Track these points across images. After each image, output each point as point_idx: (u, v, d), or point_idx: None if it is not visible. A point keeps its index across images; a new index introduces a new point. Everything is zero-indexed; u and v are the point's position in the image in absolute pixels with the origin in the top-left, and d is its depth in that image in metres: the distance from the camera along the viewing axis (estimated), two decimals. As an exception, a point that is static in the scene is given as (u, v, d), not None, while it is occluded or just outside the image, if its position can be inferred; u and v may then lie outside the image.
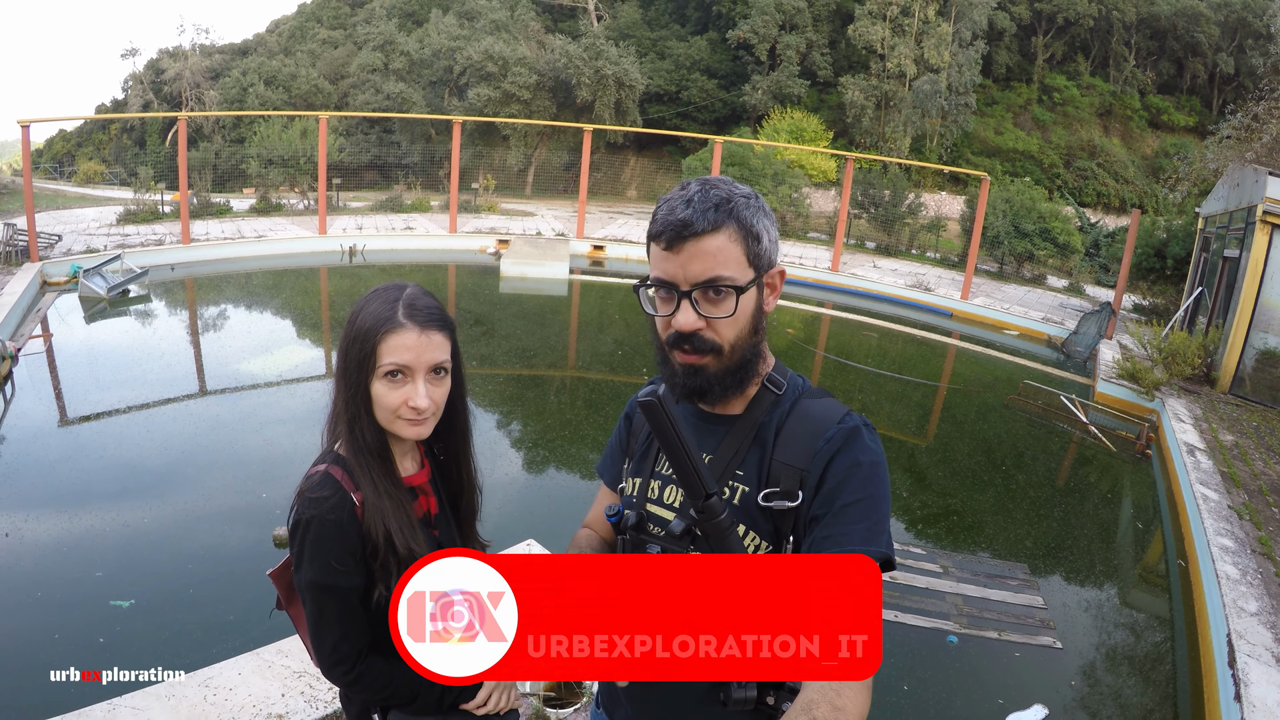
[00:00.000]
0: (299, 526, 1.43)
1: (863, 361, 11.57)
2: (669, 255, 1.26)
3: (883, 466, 1.25)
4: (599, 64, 31.04)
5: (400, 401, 1.44)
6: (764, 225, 1.29)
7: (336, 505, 1.43)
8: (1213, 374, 10.36)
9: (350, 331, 1.47)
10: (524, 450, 7.59)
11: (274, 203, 19.73)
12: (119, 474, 6.16)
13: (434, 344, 1.46)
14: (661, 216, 1.27)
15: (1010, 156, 33.09)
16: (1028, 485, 7.55)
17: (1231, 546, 5.50)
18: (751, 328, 1.30)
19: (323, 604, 1.45)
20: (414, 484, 1.59)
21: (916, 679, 4.38)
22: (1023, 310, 15.56)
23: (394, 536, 1.44)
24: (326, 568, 1.42)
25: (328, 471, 1.47)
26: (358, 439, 1.47)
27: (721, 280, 1.24)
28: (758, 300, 1.31)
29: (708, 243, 1.24)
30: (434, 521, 1.61)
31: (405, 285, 1.51)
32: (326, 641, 1.48)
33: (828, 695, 1.05)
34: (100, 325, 10.58)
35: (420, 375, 1.45)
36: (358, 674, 1.49)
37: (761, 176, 22.00)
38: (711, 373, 1.30)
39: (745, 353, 1.30)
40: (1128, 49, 35.85)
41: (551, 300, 14.64)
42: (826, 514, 1.20)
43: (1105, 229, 22.61)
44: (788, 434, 1.29)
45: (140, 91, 40.48)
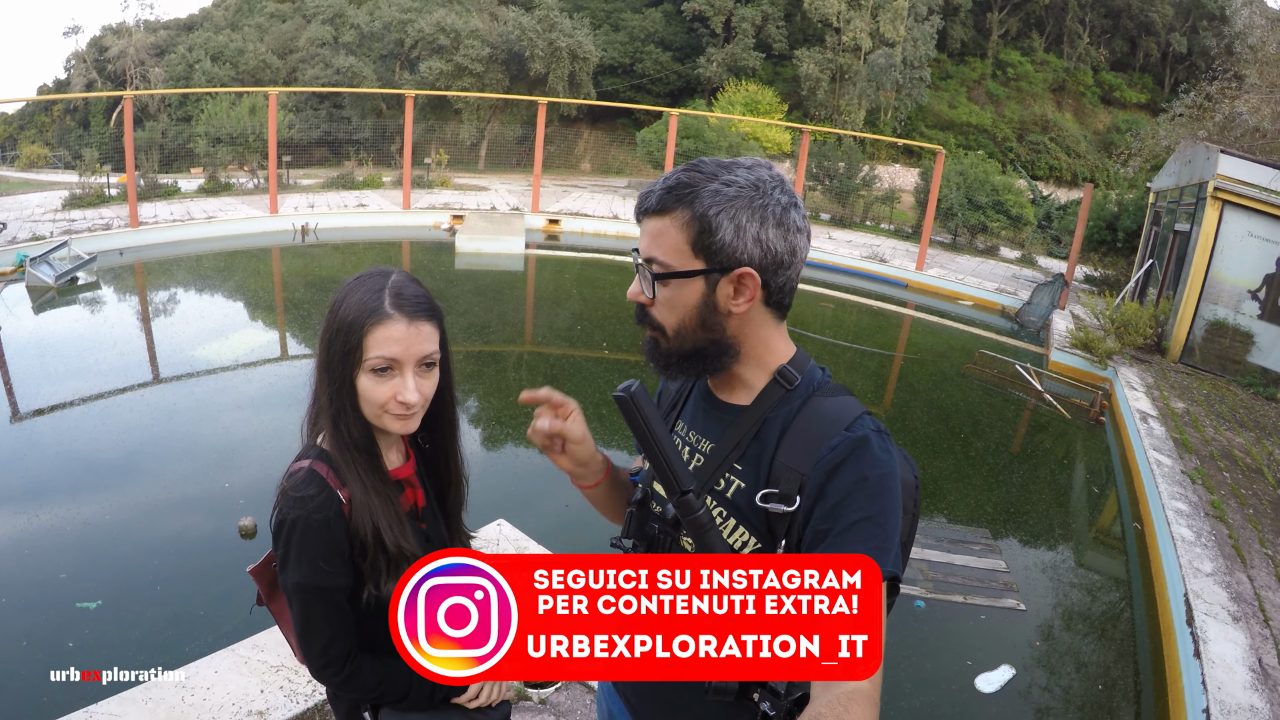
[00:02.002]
0: (284, 527, 1.38)
1: (819, 332, 11.68)
2: (639, 227, 1.29)
3: (892, 478, 1.19)
4: (552, 36, 30.64)
5: (388, 396, 1.38)
6: (731, 219, 1.19)
7: (323, 504, 1.38)
8: (1163, 344, 10.68)
9: (333, 322, 1.40)
10: (487, 428, 7.54)
11: (223, 182, 19.18)
12: (75, 469, 5.99)
13: (423, 335, 1.40)
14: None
15: (964, 130, 33.51)
16: (985, 452, 7.72)
17: (1185, 510, 5.70)
18: (698, 321, 1.24)
19: (310, 606, 1.42)
20: (400, 477, 1.55)
21: (886, 643, 4.47)
22: (977, 281, 15.83)
23: (383, 534, 1.41)
24: (314, 569, 1.38)
25: (312, 469, 1.42)
26: (343, 434, 1.42)
27: (654, 262, 1.24)
28: (705, 295, 1.23)
29: (652, 223, 1.24)
30: (421, 514, 1.59)
31: (390, 271, 1.44)
32: (315, 644, 1.44)
33: (835, 710, 1.04)
34: (49, 315, 10.23)
35: (409, 368, 1.39)
36: (348, 674, 1.46)
37: (716, 149, 21.99)
38: (664, 350, 1.29)
39: (693, 343, 1.26)
40: (1082, 26, 36.43)
41: (508, 275, 14.50)
42: (830, 532, 1.16)
43: (1057, 202, 23.06)
44: (794, 434, 1.24)
45: (83, 70, 39.09)
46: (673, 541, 1.35)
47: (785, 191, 1.24)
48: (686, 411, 1.44)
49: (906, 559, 1.28)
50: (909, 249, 18.18)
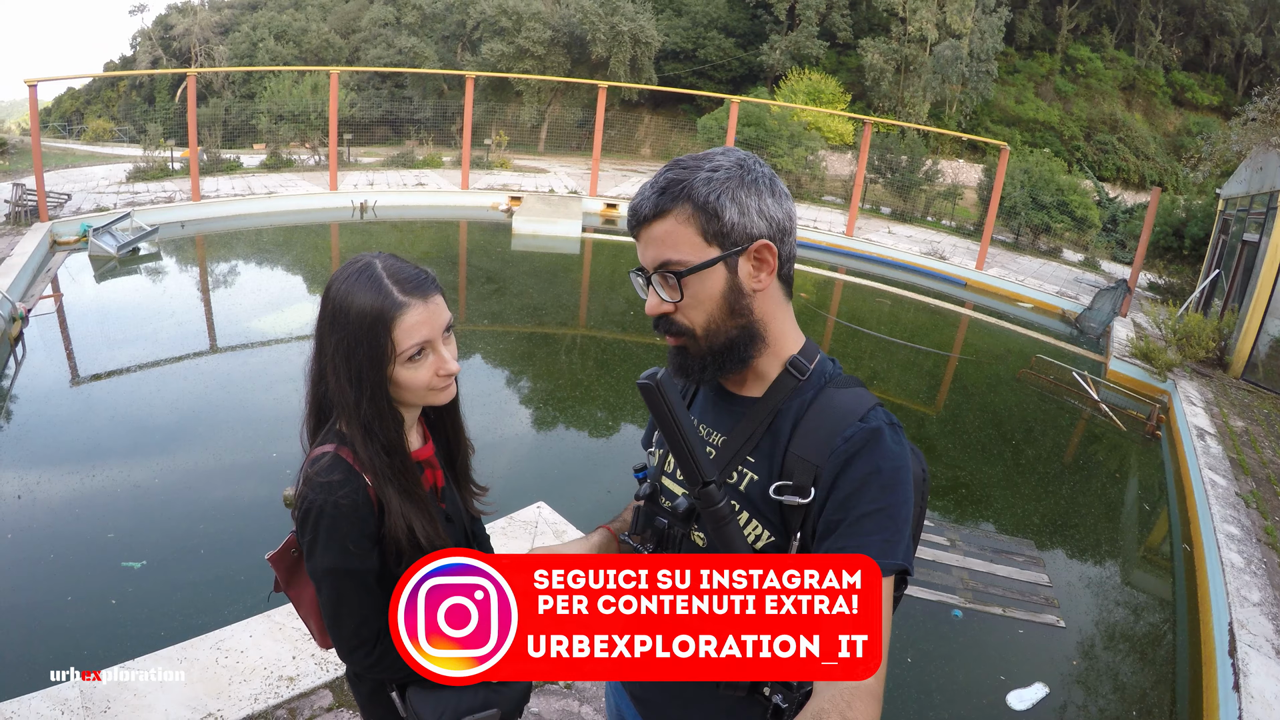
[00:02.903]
0: (310, 513, 1.39)
1: (874, 328, 11.51)
2: (637, 242, 1.28)
3: (905, 470, 1.19)
4: (614, 20, 30.54)
5: (430, 374, 1.42)
6: (732, 199, 1.21)
7: (351, 490, 1.39)
8: (1226, 358, 10.27)
9: (348, 335, 1.37)
10: (534, 410, 7.59)
11: (284, 159, 19.61)
12: (130, 433, 6.20)
13: (439, 307, 1.43)
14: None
15: (1030, 127, 32.57)
16: (1036, 460, 7.53)
17: (1237, 534, 5.48)
18: (726, 310, 1.25)
19: (342, 589, 1.42)
20: (421, 459, 1.55)
21: (920, 651, 4.42)
22: (1037, 283, 15.42)
23: (418, 535, 1.43)
24: (344, 553, 1.39)
25: (337, 454, 1.42)
26: (376, 440, 1.41)
27: (670, 264, 1.23)
28: (729, 280, 1.24)
29: (655, 228, 1.24)
30: (441, 494, 1.59)
31: (371, 260, 1.42)
32: (347, 626, 1.45)
33: (839, 706, 1.04)
34: (110, 284, 10.59)
35: (439, 341, 1.42)
36: (379, 654, 1.47)
37: (778, 138, 21.72)
38: (692, 355, 1.28)
39: (725, 335, 1.26)
40: (1154, 23, 35.09)
41: (563, 258, 14.55)
42: (842, 523, 1.16)
43: (1124, 205, 22.30)
44: (807, 426, 1.24)
45: (149, 48, 40.23)
46: (683, 537, 1.34)
47: (763, 165, 1.28)
48: (696, 405, 1.43)
49: (915, 550, 1.26)
50: (970, 247, 17.77)
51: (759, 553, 1.24)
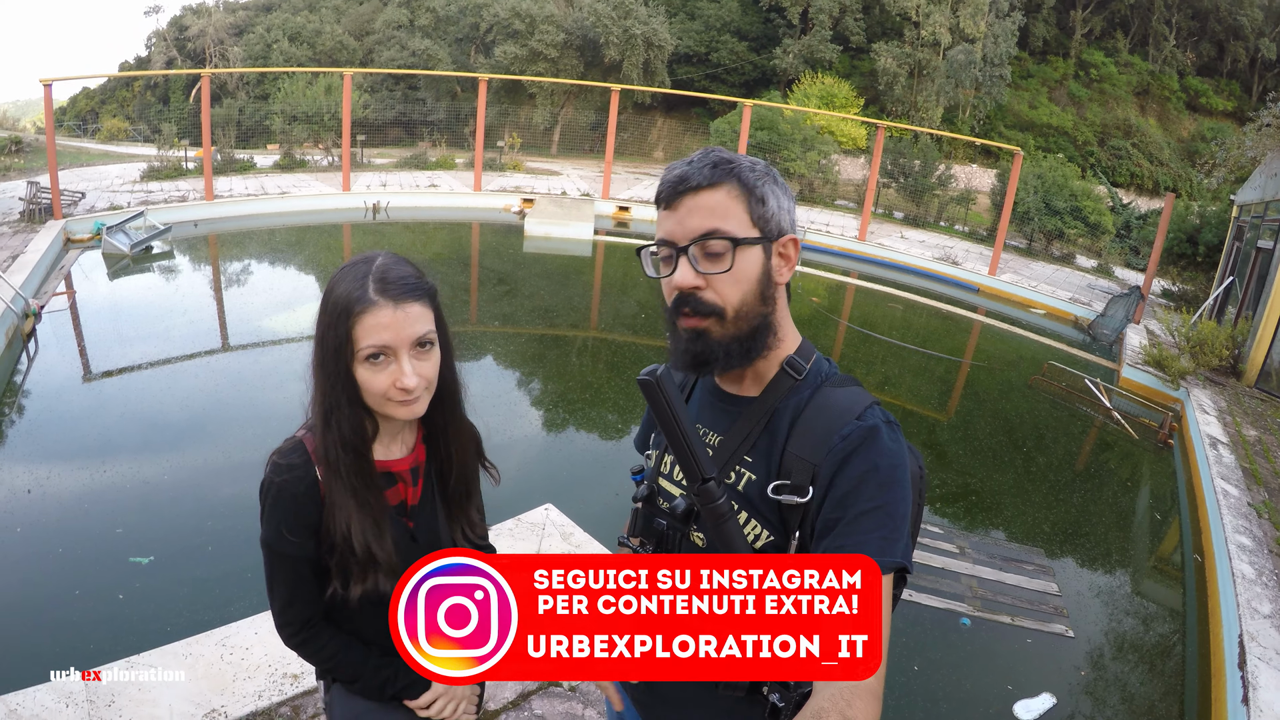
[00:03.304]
0: (264, 487, 1.43)
1: (886, 333, 11.47)
2: (668, 213, 1.25)
3: (902, 469, 1.19)
4: (628, 23, 30.58)
5: (388, 383, 1.35)
6: (771, 191, 1.26)
7: (298, 479, 1.41)
8: (1239, 366, 10.17)
9: (323, 316, 1.38)
10: (544, 411, 7.60)
11: (298, 159, 19.72)
12: (140, 430, 6.23)
13: (412, 317, 1.35)
14: (663, 177, 1.27)
15: (1044, 132, 32.42)
16: (1047, 468, 7.47)
17: (1249, 545, 5.42)
18: (758, 294, 1.25)
19: (273, 566, 1.46)
20: (394, 470, 1.51)
21: (927, 659, 4.38)
22: (1050, 289, 15.34)
23: (353, 535, 1.40)
24: (279, 534, 1.42)
25: (301, 440, 1.45)
26: (332, 431, 1.39)
27: (718, 232, 1.21)
28: (764, 265, 1.25)
29: (705, 197, 1.22)
30: (410, 511, 1.54)
31: (375, 256, 1.41)
32: (275, 602, 1.49)
33: (838, 705, 1.04)
34: (123, 282, 10.66)
35: (404, 352, 1.35)
36: (302, 639, 1.51)
37: (790, 142, 21.67)
38: (715, 338, 1.24)
39: (753, 321, 1.25)
40: (1168, 28, 34.87)
41: (575, 260, 14.57)
42: (840, 521, 1.15)
43: (1137, 211, 22.18)
44: (804, 425, 1.23)
45: (164, 49, 40.54)
46: (682, 537, 1.34)
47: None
48: (692, 405, 1.43)
49: (913, 550, 1.25)
50: (982, 252, 17.70)
51: (758, 552, 1.24)
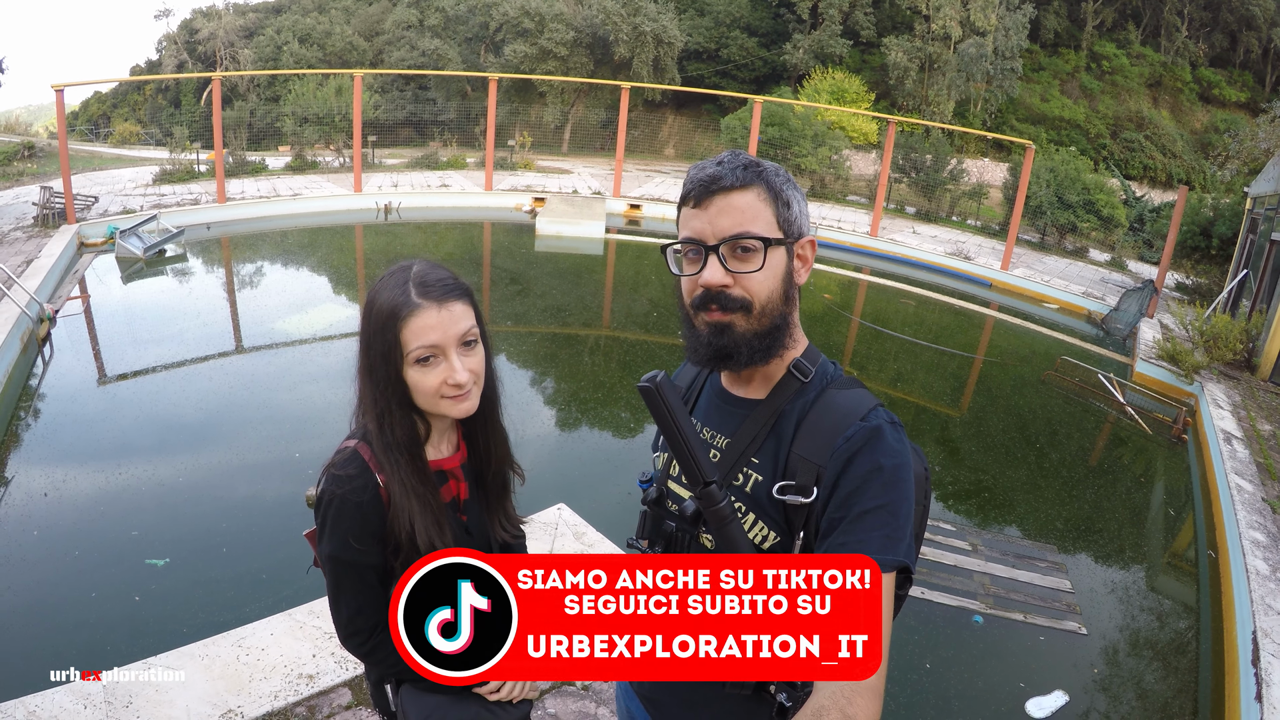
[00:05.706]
0: (323, 500, 1.46)
1: (899, 329, 11.43)
2: (697, 212, 1.27)
3: (906, 468, 1.21)
4: (637, 20, 30.51)
5: (439, 382, 1.43)
6: (793, 195, 1.30)
7: (360, 488, 1.44)
8: (1254, 360, 10.07)
9: (369, 326, 1.45)
10: (556, 410, 7.62)
11: (309, 161, 19.78)
12: (155, 432, 6.29)
13: (456, 315, 1.44)
14: (691, 176, 1.29)
15: (1056, 124, 32.11)
16: (1060, 464, 7.44)
17: (1263, 541, 5.39)
18: (782, 292, 1.28)
19: (340, 578, 1.49)
20: (445, 468, 1.58)
21: (939, 657, 4.38)
22: (1063, 283, 15.22)
23: (417, 534, 1.45)
24: (345, 545, 1.45)
25: (356, 450, 1.48)
26: (386, 434, 1.47)
27: (750, 234, 1.24)
28: (788, 265, 1.30)
29: (737, 198, 1.25)
30: (462, 506, 1.61)
31: (412, 263, 1.49)
32: (343, 614, 1.51)
33: (839, 702, 1.05)
34: (137, 285, 10.74)
35: (452, 350, 1.44)
36: (371, 647, 1.52)
37: (801, 137, 21.57)
38: (739, 332, 1.27)
39: (775, 318, 1.28)
40: (1180, 19, 34.43)
41: (587, 259, 14.56)
42: (843, 520, 1.17)
43: (1151, 203, 21.95)
44: (809, 426, 1.25)
45: (174, 52, 40.69)
46: (691, 539, 1.35)
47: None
48: (699, 409, 1.44)
49: (918, 550, 1.27)
50: (995, 247, 17.57)
51: (763, 553, 1.25)
